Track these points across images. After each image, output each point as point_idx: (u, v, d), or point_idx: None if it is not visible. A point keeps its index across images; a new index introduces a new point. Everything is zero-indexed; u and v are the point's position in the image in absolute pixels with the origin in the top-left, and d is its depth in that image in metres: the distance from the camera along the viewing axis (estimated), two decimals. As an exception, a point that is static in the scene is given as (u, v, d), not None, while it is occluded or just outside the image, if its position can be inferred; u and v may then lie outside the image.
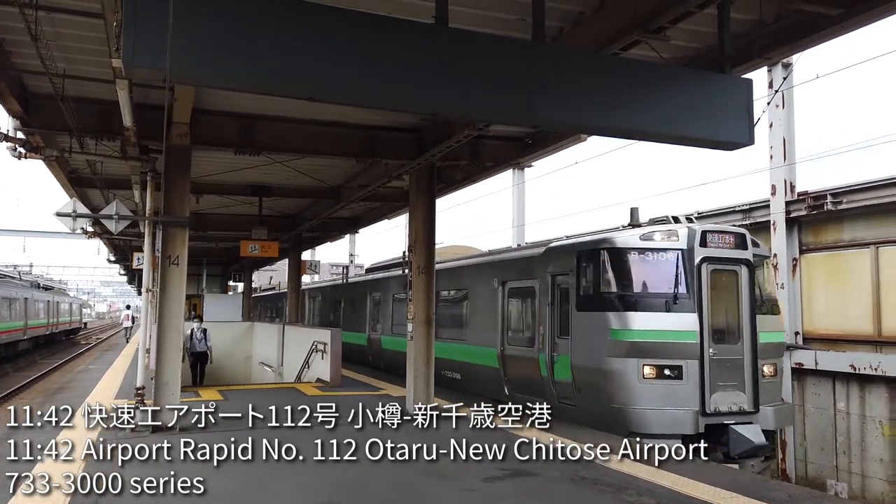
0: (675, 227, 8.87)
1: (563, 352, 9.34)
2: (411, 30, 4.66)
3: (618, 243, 8.91)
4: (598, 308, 8.83)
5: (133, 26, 3.80)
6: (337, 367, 13.27)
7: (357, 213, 17.47)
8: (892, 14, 5.49)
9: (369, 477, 6.11)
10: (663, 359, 8.28)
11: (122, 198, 11.45)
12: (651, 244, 8.71)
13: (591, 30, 6.10)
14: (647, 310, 8.47)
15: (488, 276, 11.67)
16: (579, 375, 8.98)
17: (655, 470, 6.48)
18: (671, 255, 8.63)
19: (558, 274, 9.65)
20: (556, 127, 7.88)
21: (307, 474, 6.06)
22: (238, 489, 5.80)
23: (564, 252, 9.76)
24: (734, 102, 5.24)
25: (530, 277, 10.37)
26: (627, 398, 8.33)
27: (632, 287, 8.76)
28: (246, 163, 10.55)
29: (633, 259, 8.82)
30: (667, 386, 8.23)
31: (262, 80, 4.30)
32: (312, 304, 24.87)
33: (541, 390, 9.73)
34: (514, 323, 11.02)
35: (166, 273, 8.47)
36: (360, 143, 9.99)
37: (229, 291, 35.83)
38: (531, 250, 11.21)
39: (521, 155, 10.68)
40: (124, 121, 7.59)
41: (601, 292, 8.90)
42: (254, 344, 19.54)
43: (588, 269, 9.11)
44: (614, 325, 8.50)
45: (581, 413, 8.84)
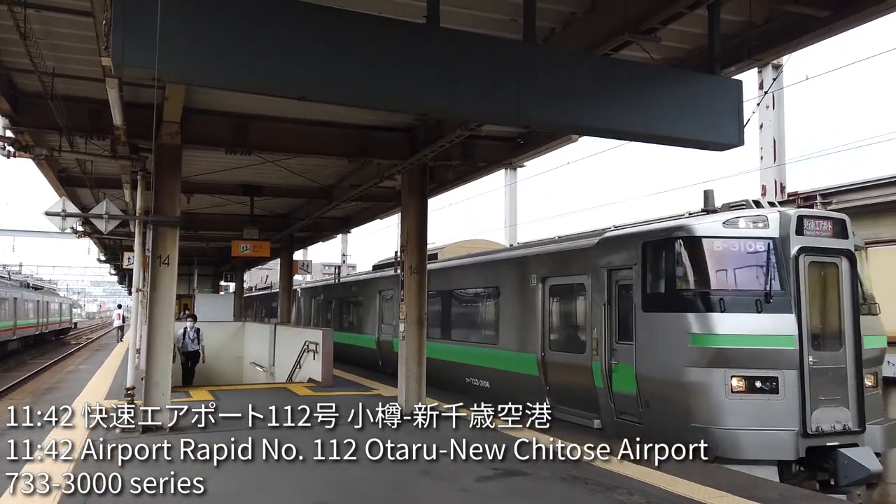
0: (763, 212, 7.64)
1: (624, 359, 8.09)
2: (403, 30, 4.66)
3: (697, 231, 7.60)
4: (672, 308, 7.58)
5: (122, 24, 3.78)
6: (328, 368, 13.25)
7: (349, 213, 17.45)
8: (879, 16, 5.54)
9: (361, 477, 6.10)
10: (755, 369, 7.05)
11: (113, 197, 11.41)
12: (737, 232, 7.45)
13: (582, 30, 6.12)
14: (735, 310, 7.21)
15: (524, 272, 10.38)
16: (647, 388, 7.75)
17: (646, 469, 6.50)
18: (761, 245, 7.41)
19: (617, 268, 8.40)
20: (546, 127, 7.90)
21: (301, 474, 6.05)
22: (234, 489, 5.79)
23: (625, 242, 8.44)
24: (724, 103, 5.27)
25: (579, 273, 9.12)
26: (712, 416, 7.11)
27: (715, 283, 7.48)
28: (237, 162, 10.52)
29: (717, 249, 7.55)
30: (760, 402, 7.02)
31: (254, 80, 4.30)
32: (314, 303, 23.41)
33: (593, 403, 8.61)
34: (558, 325, 9.85)
35: (157, 273, 8.43)
36: (353, 143, 9.97)
37: (220, 291, 35.69)
38: (579, 242, 9.74)
39: (513, 155, 10.69)
40: (114, 120, 7.55)
41: (677, 290, 7.61)
42: (245, 344, 19.48)
43: (658, 262, 7.84)
44: (695, 328, 7.25)
45: (648, 432, 7.44)
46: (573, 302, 9.50)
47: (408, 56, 4.44)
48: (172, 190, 8.70)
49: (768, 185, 12.77)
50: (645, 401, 7.80)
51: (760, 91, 12.39)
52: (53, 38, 6.80)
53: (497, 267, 11.61)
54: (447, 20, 4.94)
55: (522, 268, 10.56)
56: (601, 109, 4.95)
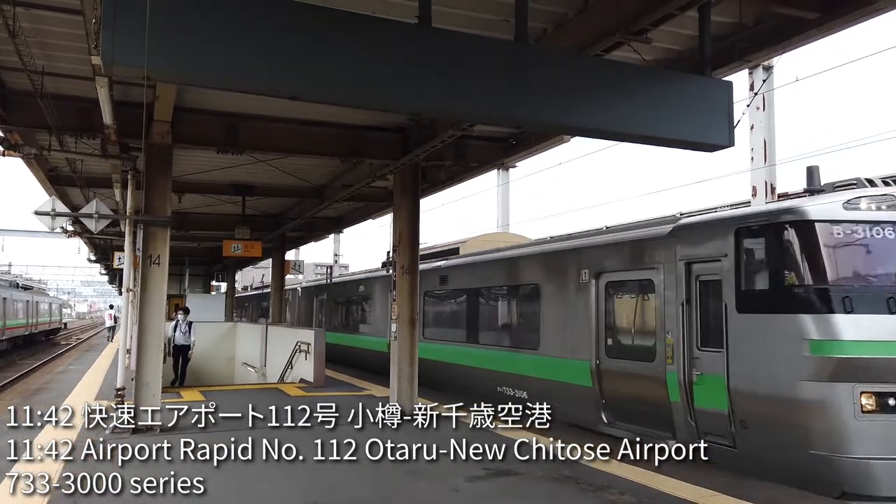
0: (891, 191, 6.51)
1: (710, 370, 6.87)
2: (395, 30, 4.65)
3: (811, 214, 6.34)
4: (780, 308, 6.33)
5: (112, 22, 3.76)
6: (320, 368, 13.23)
7: (341, 213, 17.42)
8: (868, 18, 5.58)
9: (351, 477, 6.10)
10: (890, 383, 5.84)
11: (103, 196, 11.35)
12: (862, 215, 6.26)
13: (573, 31, 6.13)
14: (863, 310, 6.00)
15: (573, 267, 9.17)
16: (744, 405, 6.53)
17: (637, 469, 6.51)
18: (892, 231, 6.26)
19: (699, 260, 7.17)
20: (538, 127, 7.91)
21: (291, 475, 6.04)
22: (230, 489, 5.77)
23: (711, 230, 7.17)
24: (715, 104, 5.30)
25: (646, 266, 7.90)
26: (836, 442, 5.87)
27: (836, 277, 6.25)
28: (229, 162, 10.48)
29: (837, 236, 6.31)
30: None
31: (245, 79, 4.28)
32: (316, 303, 21.91)
33: (665, 421, 7.44)
34: (618, 328, 8.59)
35: (147, 273, 8.39)
36: (345, 143, 9.96)
37: (212, 291, 35.57)
38: (644, 230, 8.42)
39: (506, 155, 10.70)
40: (104, 119, 7.51)
41: (786, 286, 6.32)
42: (237, 344, 19.42)
43: (759, 253, 6.61)
44: (813, 333, 5.98)
45: (745, 458, 6.52)
46: (638, 301, 8.23)
47: (400, 56, 4.44)
48: (163, 189, 8.67)
49: (759, 185, 12.84)
50: (740, 420, 6.59)
51: (751, 92, 12.46)
52: (43, 36, 6.76)
53: (537, 261, 10.35)
54: (439, 20, 4.94)
55: (569, 262, 9.34)
56: (593, 110, 4.97)
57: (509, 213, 20.40)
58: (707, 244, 7.17)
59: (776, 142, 13.04)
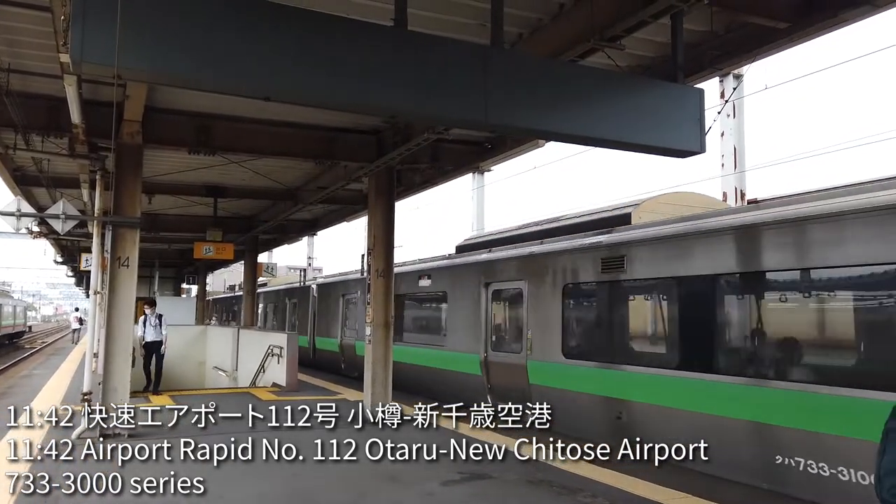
0: None
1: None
2: (370, 32, 4.63)
3: None
4: None
5: (82, 20, 3.69)
6: (293, 372, 13.11)
7: (316, 216, 17.30)
8: (834, 29, 5.71)
9: (324, 480, 6.05)
10: None
11: (70, 197, 11.12)
12: None
13: (549, 37, 6.18)
14: None
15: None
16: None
17: (610, 471, 6.57)
18: None
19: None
20: (513, 132, 7.94)
21: (258, 479, 5.96)
22: (196, 492, 5.68)
23: None
24: (686, 111, 5.37)
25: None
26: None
27: None
28: (201, 163, 10.34)
29: None
30: None
31: (218, 79, 4.22)
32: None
33: None
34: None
35: (116, 275, 8.24)
36: (319, 145, 9.89)
37: (183, 294, 35.07)
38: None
39: (481, 159, 10.73)
40: (72, 118, 7.36)
41: None
42: (207, 348, 19.15)
43: None
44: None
45: None
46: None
47: (375, 58, 4.42)
48: (133, 190, 8.52)
49: (729, 191, 13.07)
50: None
51: (721, 100, 12.69)
52: (9, 32, 6.60)
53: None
54: (415, 23, 4.94)
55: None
56: (567, 115, 5.00)
57: (484, 217, 20.47)
58: None
59: (746, 148, 13.31)
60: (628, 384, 7.70)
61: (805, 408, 5.84)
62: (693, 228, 7.27)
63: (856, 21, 5.62)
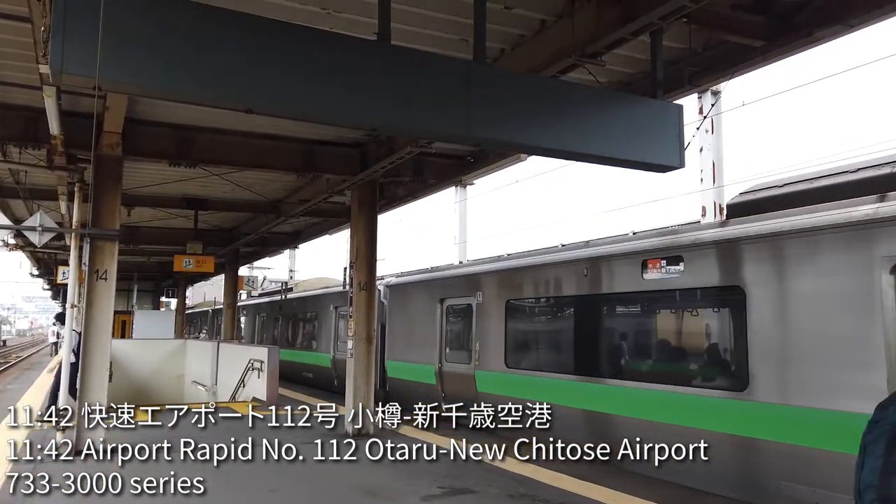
0: None
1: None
2: (354, 46, 4.65)
3: None
4: None
5: (62, 31, 3.66)
6: (274, 386, 12.96)
7: (298, 228, 17.22)
8: (809, 47, 5.84)
9: (304, 497, 5.98)
10: None
11: (48, 209, 10.97)
12: None
13: (530, 52, 6.24)
14: None
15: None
16: None
17: (593, 486, 6.57)
18: None
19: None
20: (495, 146, 8.00)
21: (235, 496, 5.88)
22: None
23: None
24: (666, 127, 5.45)
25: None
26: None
27: None
28: (181, 175, 10.27)
29: None
30: None
31: (200, 91, 4.21)
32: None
33: None
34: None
35: (93, 288, 8.13)
36: (302, 158, 9.88)
37: (162, 307, 34.66)
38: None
39: (463, 173, 10.78)
40: (51, 129, 7.29)
41: None
42: (187, 362, 18.92)
43: None
44: None
45: None
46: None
47: (358, 72, 4.43)
48: (112, 202, 8.43)
49: (708, 206, 13.23)
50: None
51: (700, 116, 12.87)
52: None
53: None
54: (398, 38, 4.97)
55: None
56: (548, 129, 5.04)
57: (467, 230, 20.51)
58: None
59: (724, 163, 13.48)
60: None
61: None
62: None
63: (829, 40, 5.75)
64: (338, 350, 16.01)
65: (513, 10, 5.83)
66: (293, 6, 5.58)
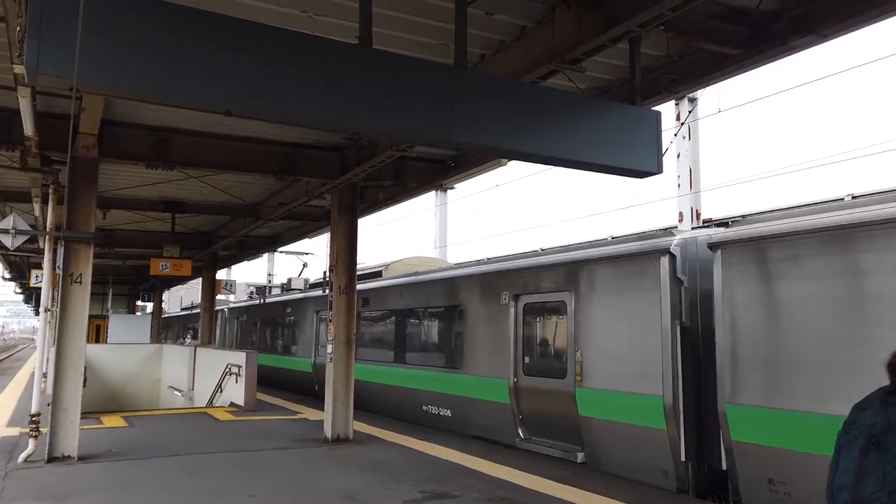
0: None
1: None
2: (334, 49, 4.64)
3: None
4: None
5: (38, 31, 3.60)
6: (252, 391, 12.86)
7: (277, 232, 17.11)
8: (784, 56, 5.95)
9: (280, 503, 5.93)
10: None
11: (21, 211, 10.78)
12: None
13: (511, 58, 6.28)
14: None
15: None
16: None
17: (572, 489, 6.61)
18: None
19: None
20: (475, 150, 8.02)
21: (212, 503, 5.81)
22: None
23: None
24: (644, 133, 5.51)
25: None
26: None
27: None
28: (158, 177, 10.16)
29: None
30: None
31: (178, 92, 4.16)
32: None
33: None
34: None
35: (68, 292, 8.00)
36: (281, 161, 9.82)
37: (137, 312, 34.21)
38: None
39: (444, 177, 10.79)
40: (25, 130, 7.15)
41: None
42: (163, 367, 18.69)
43: None
44: None
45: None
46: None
47: (339, 75, 4.43)
48: (87, 205, 8.31)
49: (685, 211, 13.39)
50: None
51: (677, 122, 13.03)
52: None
53: None
54: (379, 42, 4.97)
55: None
56: (528, 135, 5.08)
57: (447, 234, 20.53)
58: None
59: (701, 169, 13.67)
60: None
61: None
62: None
63: (803, 49, 5.87)
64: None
65: (494, 16, 5.87)
66: (272, 8, 5.57)
